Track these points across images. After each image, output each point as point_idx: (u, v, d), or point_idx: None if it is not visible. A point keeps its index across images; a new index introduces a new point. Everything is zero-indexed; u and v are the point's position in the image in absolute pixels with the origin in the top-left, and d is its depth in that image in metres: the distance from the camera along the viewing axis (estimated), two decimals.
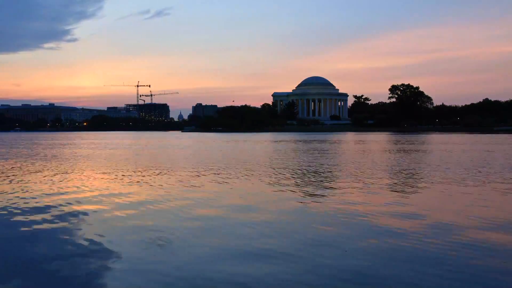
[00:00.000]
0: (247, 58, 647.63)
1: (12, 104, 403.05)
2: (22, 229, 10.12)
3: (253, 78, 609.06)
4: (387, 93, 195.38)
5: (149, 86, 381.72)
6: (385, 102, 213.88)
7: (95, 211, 12.16)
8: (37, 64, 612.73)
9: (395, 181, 18.31)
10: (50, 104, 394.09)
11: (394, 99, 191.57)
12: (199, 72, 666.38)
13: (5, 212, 12.07)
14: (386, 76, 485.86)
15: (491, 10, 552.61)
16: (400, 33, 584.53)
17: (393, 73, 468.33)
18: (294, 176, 20.40)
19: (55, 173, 22.11)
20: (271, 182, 18.25)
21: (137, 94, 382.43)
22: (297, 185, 17.35)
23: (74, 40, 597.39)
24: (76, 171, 22.83)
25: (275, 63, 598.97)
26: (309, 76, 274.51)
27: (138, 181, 18.61)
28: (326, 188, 16.41)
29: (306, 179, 19.20)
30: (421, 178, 19.01)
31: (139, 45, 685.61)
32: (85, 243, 8.80)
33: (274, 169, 23.56)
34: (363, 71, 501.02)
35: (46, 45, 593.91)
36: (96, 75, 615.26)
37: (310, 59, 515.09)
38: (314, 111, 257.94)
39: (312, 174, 20.98)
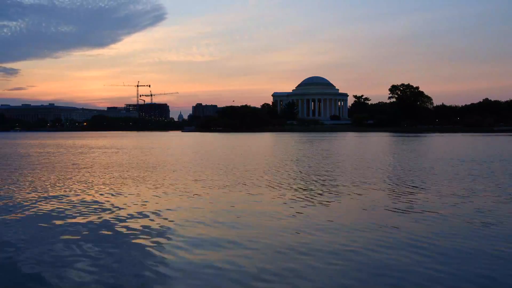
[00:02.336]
0: (248, 58, 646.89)
1: (12, 104, 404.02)
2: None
3: (253, 78, 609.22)
4: (387, 93, 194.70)
5: (149, 86, 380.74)
6: (385, 102, 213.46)
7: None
8: (58, 68, 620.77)
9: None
10: (50, 104, 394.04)
11: (394, 99, 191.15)
12: (200, 72, 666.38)
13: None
14: (386, 76, 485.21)
15: (492, 10, 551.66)
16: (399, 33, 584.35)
17: (393, 73, 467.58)
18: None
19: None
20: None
21: (137, 94, 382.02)
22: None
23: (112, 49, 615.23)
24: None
25: (276, 62, 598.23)
26: (309, 76, 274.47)
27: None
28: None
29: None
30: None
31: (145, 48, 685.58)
32: None
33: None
34: (363, 71, 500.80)
35: (86, 53, 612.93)
36: (99, 78, 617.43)
37: (310, 58, 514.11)
38: (314, 111, 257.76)
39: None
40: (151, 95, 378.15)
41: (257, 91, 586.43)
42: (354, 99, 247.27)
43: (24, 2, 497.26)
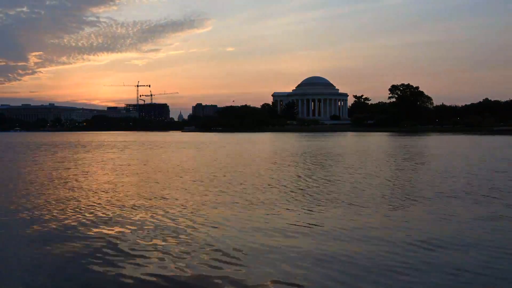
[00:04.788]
0: (248, 58, 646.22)
1: (12, 104, 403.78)
2: None
3: (253, 78, 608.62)
4: (387, 93, 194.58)
5: (149, 86, 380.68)
6: (385, 102, 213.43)
7: None
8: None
9: None
10: (50, 104, 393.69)
11: (394, 99, 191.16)
12: (200, 72, 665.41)
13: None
14: (386, 76, 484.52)
15: (491, 10, 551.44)
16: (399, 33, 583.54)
17: (393, 73, 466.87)
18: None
19: None
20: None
21: (137, 94, 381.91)
22: None
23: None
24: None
25: (275, 63, 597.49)
26: (309, 76, 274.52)
27: None
28: None
29: None
30: None
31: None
32: None
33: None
34: (363, 71, 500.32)
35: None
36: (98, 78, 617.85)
37: (310, 58, 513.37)
38: (314, 111, 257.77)
39: None
40: (151, 95, 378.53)
41: (257, 91, 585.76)
42: (354, 99, 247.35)
43: (87, 19, 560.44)
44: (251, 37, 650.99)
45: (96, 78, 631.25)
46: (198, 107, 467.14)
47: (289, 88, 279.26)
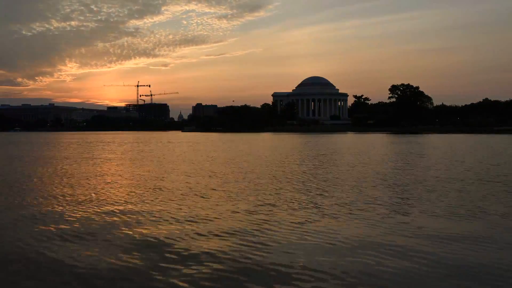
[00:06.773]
0: (247, 58, 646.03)
1: (12, 104, 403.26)
2: None
3: (253, 78, 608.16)
4: (387, 93, 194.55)
5: (149, 86, 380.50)
6: (385, 102, 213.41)
7: None
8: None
9: None
10: (50, 104, 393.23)
11: (394, 99, 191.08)
12: (200, 72, 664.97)
13: None
14: (386, 76, 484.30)
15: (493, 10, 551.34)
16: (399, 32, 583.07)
17: (393, 73, 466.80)
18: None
19: None
20: None
21: (137, 94, 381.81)
22: None
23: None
24: None
25: (276, 63, 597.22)
26: (309, 76, 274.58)
27: None
28: None
29: None
30: None
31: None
32: None
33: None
34: (363, 71, 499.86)
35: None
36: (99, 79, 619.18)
37: (310, 60, 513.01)
38: (314, 111, 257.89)
39: None
40: (151, 95, 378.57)
41: (257, 91, 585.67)
42: (354, 99, 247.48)
43: (127, 30, 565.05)
44: (262, 45, 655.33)
45: (114, 81, 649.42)
46: (198, 107, 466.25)
47: (289, 88, 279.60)
